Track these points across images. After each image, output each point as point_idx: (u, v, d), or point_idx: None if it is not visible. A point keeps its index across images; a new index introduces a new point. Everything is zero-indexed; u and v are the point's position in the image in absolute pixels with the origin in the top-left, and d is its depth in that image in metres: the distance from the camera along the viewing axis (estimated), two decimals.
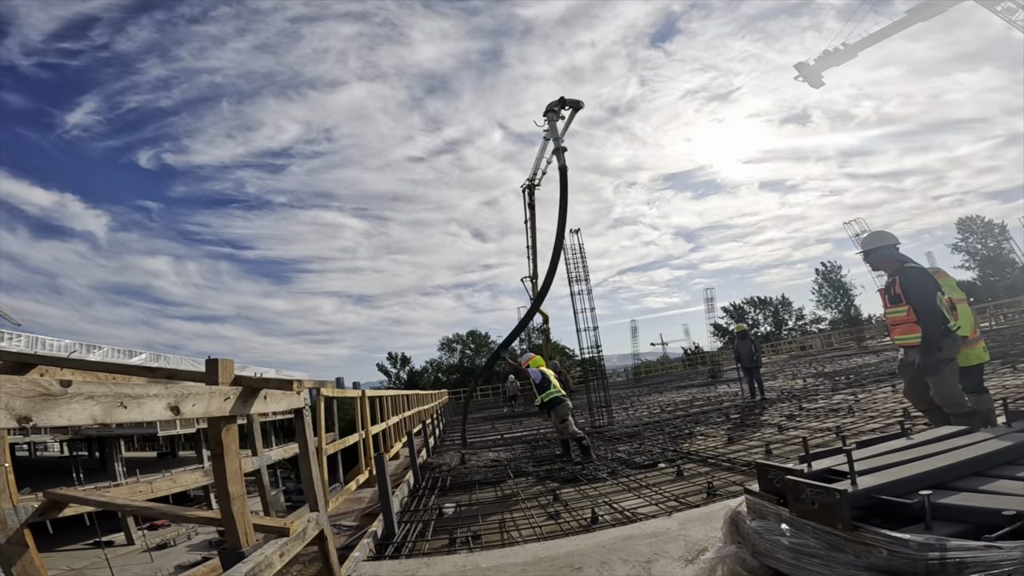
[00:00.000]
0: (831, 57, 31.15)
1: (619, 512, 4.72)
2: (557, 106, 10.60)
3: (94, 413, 1.46)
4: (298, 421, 2.97)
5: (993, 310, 30.99)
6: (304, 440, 2.96)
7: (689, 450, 7.33)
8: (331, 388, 5.76)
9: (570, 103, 10.57)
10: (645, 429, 10.32)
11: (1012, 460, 2.13)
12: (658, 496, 5.09)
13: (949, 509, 1.69)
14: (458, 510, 5.76)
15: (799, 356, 33.92)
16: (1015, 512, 1.52)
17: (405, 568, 3.80)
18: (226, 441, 2.19)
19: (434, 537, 4.72)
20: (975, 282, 51.90)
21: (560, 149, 10.20)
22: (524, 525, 4.76)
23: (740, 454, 6.51)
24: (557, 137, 10.36)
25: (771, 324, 59.05)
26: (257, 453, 4.05)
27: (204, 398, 1.98)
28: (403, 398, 11.59)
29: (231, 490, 2.16)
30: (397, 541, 4.54)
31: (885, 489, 1.91)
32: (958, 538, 1.51)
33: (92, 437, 29.50)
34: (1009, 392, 8.02)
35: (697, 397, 16.60)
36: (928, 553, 1.42)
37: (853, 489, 1.89)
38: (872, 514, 1.83)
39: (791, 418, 8.98)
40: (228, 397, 2.18)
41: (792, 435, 7.41)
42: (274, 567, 2.11)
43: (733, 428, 8.92)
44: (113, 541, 22.85)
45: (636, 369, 45.60)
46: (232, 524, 2.16)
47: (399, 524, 5.15)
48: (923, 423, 6.51)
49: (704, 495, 4.79)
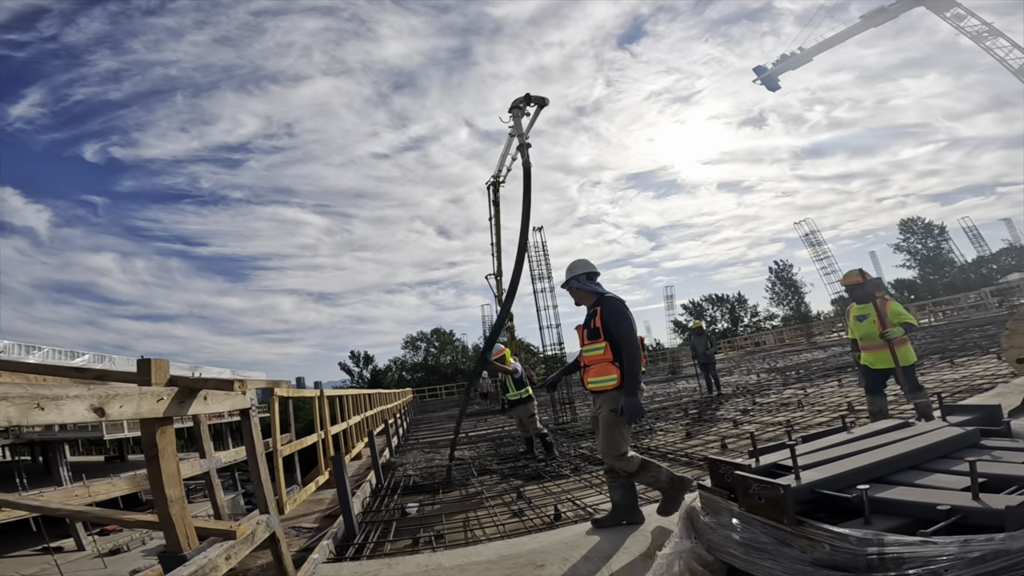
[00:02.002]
0: (787, 61, 32.29)
1: (582, 508, 4.80)
2: (523, 103, 10.60)
3: (9, 415, 1.41)
4: (245, 422, 2.91)
5: (932, 307, 32.78)
6: (252, 442, 2.89)
7: (649, 446, 7.51)
8: (286, 388, 5.63)
9: (535, 100, 10.59)
10: None
11: (947, 454, 2.27)
12: None
13: (888, 503, 1.79)
14: (422, 510, 5.73)
15: (754, 352, 35.12)
16: (949, 507, 1.62)
17: (366, 569, 3.76)
18: (161, 443, 2.13)
19: (397, 538, 4.68)
20: (916, 280, 54.91)
21: (524, 145, 10.20)
22: (488, 523, 4.78)
23: (697, 449, 6.71)
24: (522, 133, 10.36)
25: (728, 321, 60.91)
26: (206, 455, 3.93)
27: (133, 399, 1.91)
28: (365, 397, 11.44)
29: (168, 493, 2.11)
30: (358, 542, 4.49)
31: (827, 484, 2.00)
32: (897, 532, 1.60)
33: (35, 441, 28.01)
34: (947, 386, 8.51)
35: (658, 393, 16.98)
36: (867, 548, 1.50)
37: (797, 484, 1.98)
38: (818, 508, 1.92)
39: (745, 412, 9.31)
40: (161, 398, 2.11)
41: (746, 429, 7.69)
42: (219, 570, 2.07)
43: (691, 423, 9.18)
44: (63, 547, 21.79)
45: None
46: (171, 527, 2.11)
47: (361, 525, 5.09)
48: (865, 417, 6.88)
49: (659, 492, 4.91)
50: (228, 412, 32.32)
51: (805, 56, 31.13)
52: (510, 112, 10.63)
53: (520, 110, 10.51)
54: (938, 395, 3.29)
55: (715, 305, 62.19)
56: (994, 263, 49.99)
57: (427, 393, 42.95)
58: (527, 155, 10.02)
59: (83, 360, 32.85)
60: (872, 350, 5.62)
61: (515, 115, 10.50)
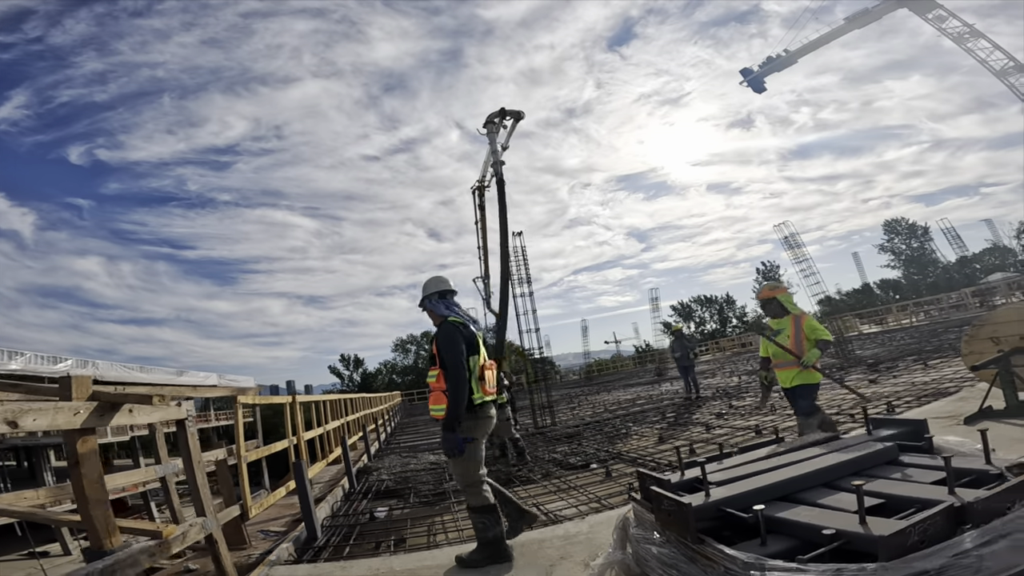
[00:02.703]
0: (773, 64, 32.61)
1: (544, 514, 4.85)
2: (498, 117, 10.69)
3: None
4: (180, 433, 3.04)
5: (914, 307, 33.21)
6: (188, 451, 3.06)
7: (621, 450, 7.59)
8: (252, 395, 5.67)
9: (511, 114, 10.68)
10: (585, 429, 10.58)
11: (862, 470, 2.33)
12: (583, 498, 5.27)
13: (784, 524, 1.84)
14: (390, 514, 5.78)
15: (740, 353, 35.38)
16: (834, 531, 1.63)
17: (320, 571, 3.84)
18: (81, 451, 2.35)
19: (360, 541, 4.75)
20: (900, 280, 55.55)
21: (499, 163, 10.34)
22: (452, 528, 4.83)
23: (667, 454, 6.79)
24: (496, 150, 10.50)
25: (716, 322, 61.28)
26: (162, 461, 3.98)
27: (48, 413, 2.11)
28: (344, 402, 11.44)
29: (89, 495, 2.30)
30: (319, 545, 4.56)
31: (733, 501, 2.05)
32: (789, 555, 1.64)
33: (19, 447, 27.66)
34: (915, 389, 8.63)
35: (641, 396, 17.11)
36: (751, 572, 1.54)
37: (704, 501, 2.04)
38: (725, 526, 1.98)
39: (720, 416, 9.42)
40: (78, 412, 2.31)
41: (717, 434, 7.79)
42: (140, 565, 2.29)
43: (667, 427, 9.28)
44: (48, 552, 21.57)
45: (587, 368, 46.37)
46: (93, 527, 2.31)
47: (327, 528, 5.18)
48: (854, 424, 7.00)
49: (625, 496, 4.98)
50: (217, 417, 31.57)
51: (790, 58, 31.44)
52: (484, 127, 10.71)
53: (494, 124, 10.59)
54: (864, 408, 3.37)
55: (704, 306, 62.55)
56: (977, 263, 50.72)
57: (416, 396, 42.90)
58: (500, 171, 10.17)
59: (66, 365, 32.29)
60: (785, 367, 5.20)
61: (490, 130, 10.58)
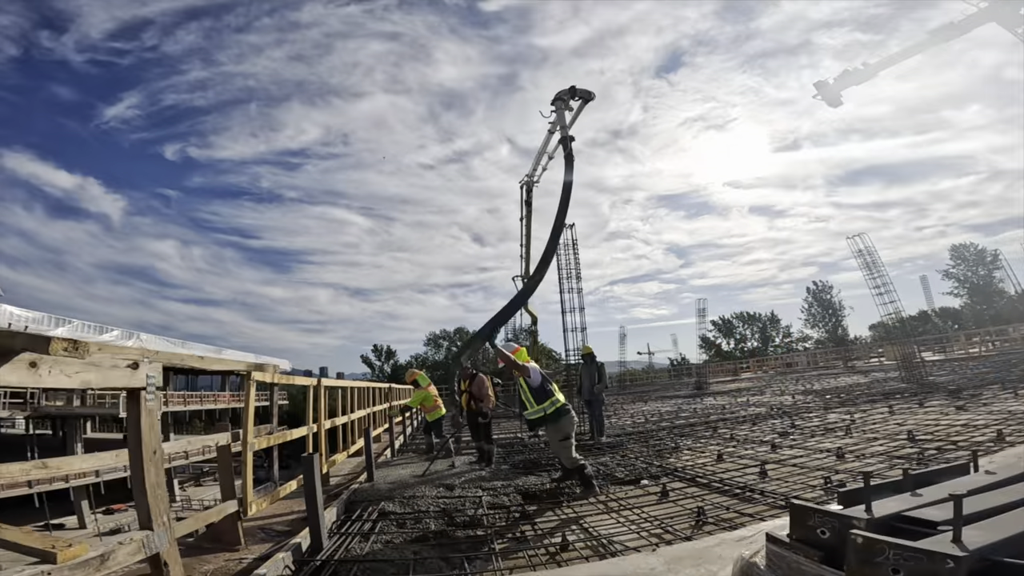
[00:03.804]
0: (850, 76, 30.84)
1: (594, 538, 4.01)
2: (567, 95, 10.00)
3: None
4: (131, 406, 2.21)
5: (982, 337, 30.78)
6: (137, 434, 2.22)
7: (676, 466, 6.64)
8: (271, 373, 4.98)
9: (581, 93, 9.94)
10: (629, 440, 9.62)
11: None
12: (640, 520, 4.39)
13: None
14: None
15: (785, 372, 33.49)
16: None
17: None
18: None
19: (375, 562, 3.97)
20: (962, 309, 52.00)
21: (567, 138, 9.56)
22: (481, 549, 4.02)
23: (732, 473, 5.84)
24: (565, 126, 9.74)
25: (758, 340, 58.72)
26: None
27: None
28: (373, 391, 10.80)
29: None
30: (323, 558, 3.78)
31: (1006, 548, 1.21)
32: None
33: (53, 415, 28.32)
34: (1018, 417, 7.51)
35: (683, 408, 15.98)
36: None
37: (962, 550, 1.19)
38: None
39: (784, 435, 8.34)
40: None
41: (787, 454, 6.76)
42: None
43: (723, 443, 8.26)
44: (64, 524, 21.80)
45: (621, 376, 44.88)
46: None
47: (337, 536, 4.43)
48: (934, 450, 5.91)
49: (692, 523, 4.09)
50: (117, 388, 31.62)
51: (869, 71, 29.70)
52: (552, 105, 10.06)
53: (563, 103, 9.96)
54: None
55: (745, 323, 60.03)
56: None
57: (443, 391, 42.35)
58: (570, 147, 9.49)
59: (112, 335, 33.32)
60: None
61: (558, 108, 9.96)
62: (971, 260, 51.26)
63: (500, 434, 12.19)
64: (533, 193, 22.19)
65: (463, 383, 8.06)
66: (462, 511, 5.14)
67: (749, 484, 5.22)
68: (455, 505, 5.40)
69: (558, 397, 5.80)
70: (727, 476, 5.72)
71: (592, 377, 10.01)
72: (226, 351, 47.32)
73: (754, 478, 5.51)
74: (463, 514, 5.01)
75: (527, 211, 22.31)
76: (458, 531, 4.51)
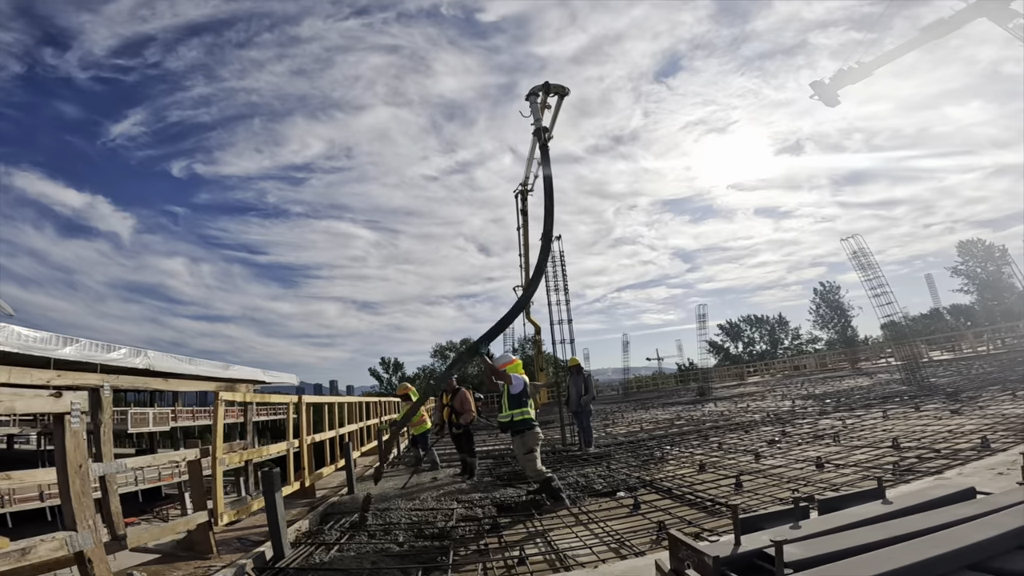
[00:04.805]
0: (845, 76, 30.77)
1: (553, 552, 4.04)
2: (541, 91, 9.71)
3: None
4: (57, 428, 2.53)
5: (991, 334, 30.34)
6: (63, 452, 2.52)
7: (655, 477, 6.62)
8: (244, 393, 5.07)
9: (555, 89, 9.70)
10: (618, 450, 9.60)
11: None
12: (603, 534, 4.40)
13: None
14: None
15: (792, 376, 33.22)
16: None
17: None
18: None
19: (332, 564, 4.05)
20: (973, 306, 51.27)
21: (541, 130, 9.22)
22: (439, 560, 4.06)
23: (708, 485, 5.81)
24: (538, 119, 9.46)
25: (767, 343, 58.23)
26: (103, 459, 3.42)
27: None
28: (363, 406, 10.87)
29: None
30: (282, 566, 3.87)
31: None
32: None
33: None
34: (1010, 421, 7.44)
35: (681, 415, 15.90)
36: None
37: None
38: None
39: (772, 444, 8.29)
40: None
41: (769, 464, 6.72)
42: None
43: (709, 452, 8.23)
44: None
45: (626, 384, 44.62)
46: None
47: (304, 546, 4.58)
48: (912, 457, 5.84)
49: (653, 537, 4.09)
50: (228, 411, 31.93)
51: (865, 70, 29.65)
52: (527, 100, 9.78)
53: (536, 97, 9.66)
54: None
55: (753, 326, 59.59)
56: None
57: None
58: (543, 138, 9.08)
59: (120, 354, 33.62)
60: None
61: (531, 103, 9.65)
62: (979, 256, 50.61)
63: (494, 446, 12.20)
64: (528, 201, 22.22)
65: (445, 396, 8.11)
66: (433, 523, 5.21)
67: (720, 497, 5.21)
68: (426, 517, 5.45)
69: (528, 410, 5.95)
70: (702, 488, 5.69)
71: (579, 388, 10.09)
72: (234, 367, 47.66)
73: (728, 490, 5.48)
74: (433, 526, 5.08)
75: (523, 220, 22.37)
76: (424, 543, 4.59)
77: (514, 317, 7.07)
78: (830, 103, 31.58)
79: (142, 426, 29.21)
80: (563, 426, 11.34)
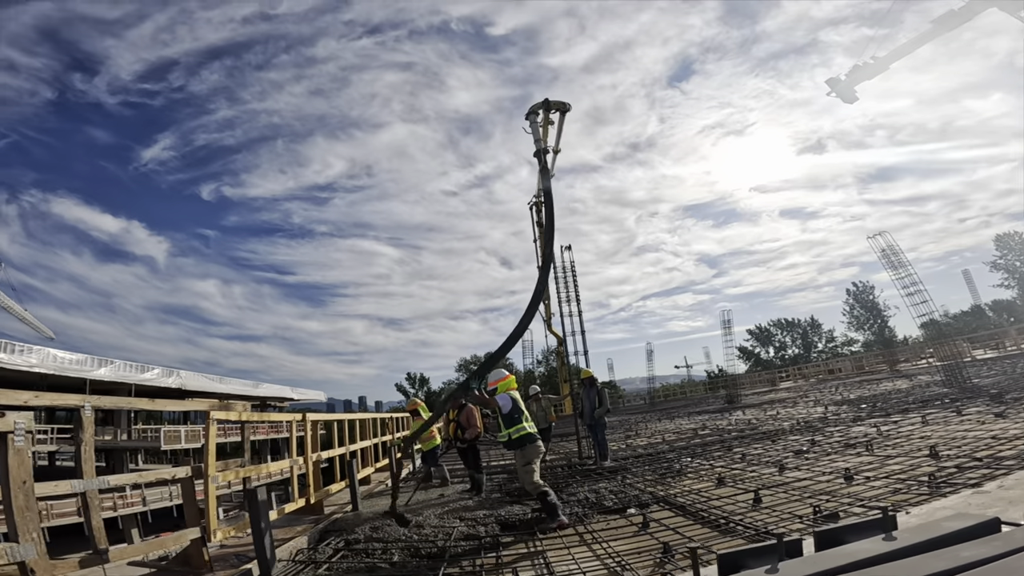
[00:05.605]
0: (861, 71, 29.95)
1: (549, 575, 3.78)
2: (541, 108, 9.61)
3: None
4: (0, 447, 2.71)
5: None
6: (5, 469, 2.74)
7: (668, 493, 6.28)
8: (238, 411, 4.98)
9: (556, 105, 9.60)
10: (635, 463, 9.24)
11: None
12: (604, 555, 4.12)
13: None
14: None
15: (826, 380, 32.04)
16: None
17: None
18: None
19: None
20: (1015, 300, 48.84)
21: (541, 151, 9.09)
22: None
23: (725, 500, 5.46)
24: (539, 139, 9.36)
25: (800, 347, 56.51)
26: (84, 475, 3.40)
27: None
28: (375, 423, 10.75)
29: None
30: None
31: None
32: None
33: (99, 448, 29.56)
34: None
35: (706, 425, 15.37)
36: None
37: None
38: None
39: (798, 454, 7.83)
40: None
41: (793, 476, 6.31)
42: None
43: (730, 464, 7.82)
44: None
45: (652, 393, 43.71)
46: None
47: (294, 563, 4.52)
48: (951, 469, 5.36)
49: (657, 560, 3.80)
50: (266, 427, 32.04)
51: (880, 65, 28.84)
52: (527, 118, 9.68)
53: (536, 116, 9.58)
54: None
55: (784, 330, 57.94)
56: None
57: None
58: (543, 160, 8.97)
59: (153, 374, 34.57)
60: None
61: (532, 121, 9.56)
62: (1018, 249, 48.31)
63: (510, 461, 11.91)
64: (543, 213, 22.22)
65: (451, 412, 8.02)
66: (432, 541, 5.01)
67: (736, 513, 4.86)
68: (426, 535, 5.26)
69: (524, 425, 5.93)
70: (719, 504, 5.35)
71: (592, 401, 9.96)
72: (264, 385, 48.81)
73: (745, 506, 5.13)
74: (432, 545, 4.89)
75: (539, 232, 22.30)
76: (419, 561, 4.44)
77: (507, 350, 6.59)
78: (848, 99, 30.82)
79: (175, 443, 29.80)
80: (579, 439, 11.00)
